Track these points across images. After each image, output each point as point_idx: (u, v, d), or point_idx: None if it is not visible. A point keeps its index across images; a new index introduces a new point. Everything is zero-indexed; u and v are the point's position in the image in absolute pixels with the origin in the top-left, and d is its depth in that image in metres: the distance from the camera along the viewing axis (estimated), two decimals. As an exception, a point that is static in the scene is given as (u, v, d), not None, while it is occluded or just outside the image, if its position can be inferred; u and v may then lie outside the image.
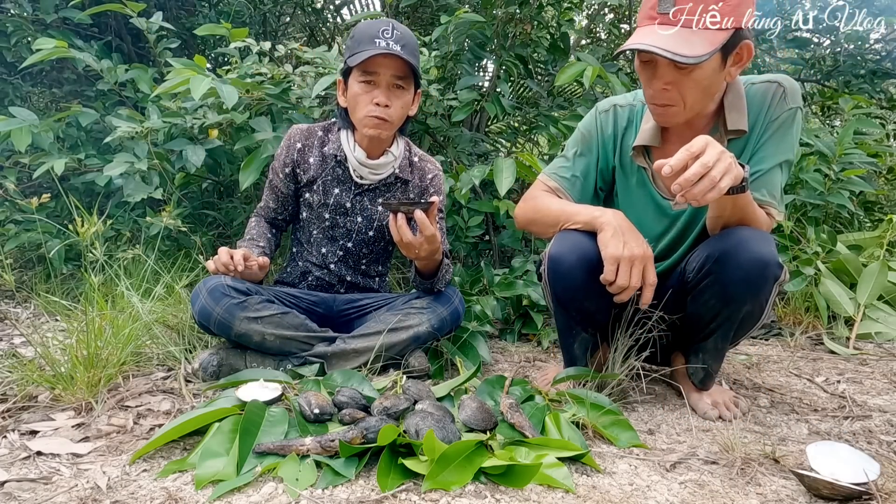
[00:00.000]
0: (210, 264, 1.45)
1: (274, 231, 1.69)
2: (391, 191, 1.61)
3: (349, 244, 1.63)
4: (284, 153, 1.59)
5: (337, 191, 1.58)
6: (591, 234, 1.23)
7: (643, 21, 1.12)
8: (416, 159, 1.64)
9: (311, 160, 1.57)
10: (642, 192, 1.35)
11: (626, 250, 1.12)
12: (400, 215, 1.31)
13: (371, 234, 1.64)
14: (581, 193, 1.37)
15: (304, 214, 1.64)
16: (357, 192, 1.59)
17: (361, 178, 1.57)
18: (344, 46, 1.48)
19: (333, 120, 1.64)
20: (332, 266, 1.64)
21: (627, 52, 1.13)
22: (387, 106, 1.44)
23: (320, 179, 1.58)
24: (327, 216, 1.61)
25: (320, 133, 1.60)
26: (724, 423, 1.26)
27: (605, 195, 1.44)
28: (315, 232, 1.65)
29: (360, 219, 1.60)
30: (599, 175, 1.38)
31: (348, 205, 1.60)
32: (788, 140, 1.19)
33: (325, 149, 1.57)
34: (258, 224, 1.66)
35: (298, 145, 1.58)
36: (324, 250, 1.64)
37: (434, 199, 1.31)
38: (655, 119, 1.23)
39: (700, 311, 1.25)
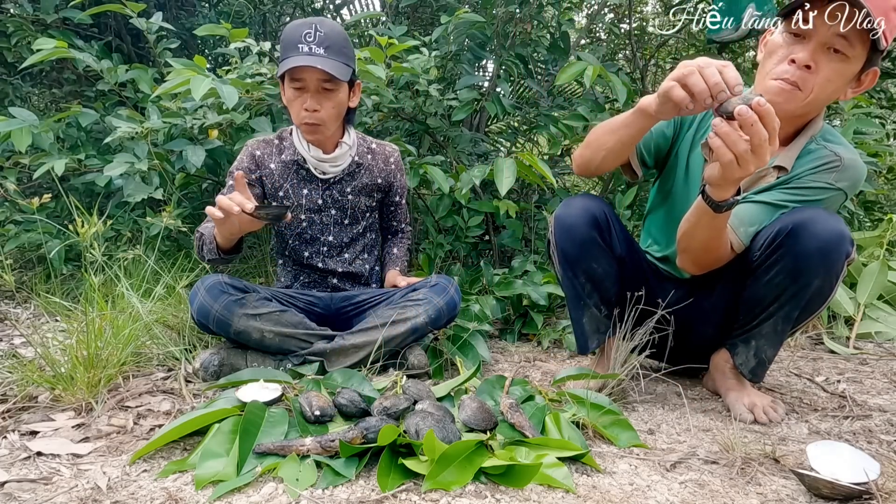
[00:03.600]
0: (214, 210, 1.26)
1: None
2: (355, 178, 1.65)
3: (329, 237, 1.67)
4: (245, 159, 1.60)
5: (305, 191, 1.62)
6: (595, 197, 1.35)
7: None
8: (374, 146, 1.70)
9: (273, 166, 1.60)
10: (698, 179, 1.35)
11: (684, 69, 1.01)
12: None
13: (346, 221, 1.68)
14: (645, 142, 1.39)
15: (276, 227, 1.66)
16: (325, 187, 1.63)
17: (324, 173, 1.61)
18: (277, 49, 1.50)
19: (284, 129, 1.67)
20: (318, 264, 1.67)
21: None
22: (316, 110, 1.48)
23: (287, 184, 1.61)
24: (303, 217, 1.63)
25: (276, 142, 1.63)
26: (723, 424, 1.26)
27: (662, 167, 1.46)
28: (291, 241, 1.67)
29: (334, 211, 1.64)
30: (661, 138, 1.40)
31: (320, 201, 1.64)
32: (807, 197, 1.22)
33: (283, 156, 1.61)
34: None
35: (257, 153, 1.61)
36: (306, 253, 1.66)
37: (287, 204, 1.41)
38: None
39: (761, 293, 1.23)
